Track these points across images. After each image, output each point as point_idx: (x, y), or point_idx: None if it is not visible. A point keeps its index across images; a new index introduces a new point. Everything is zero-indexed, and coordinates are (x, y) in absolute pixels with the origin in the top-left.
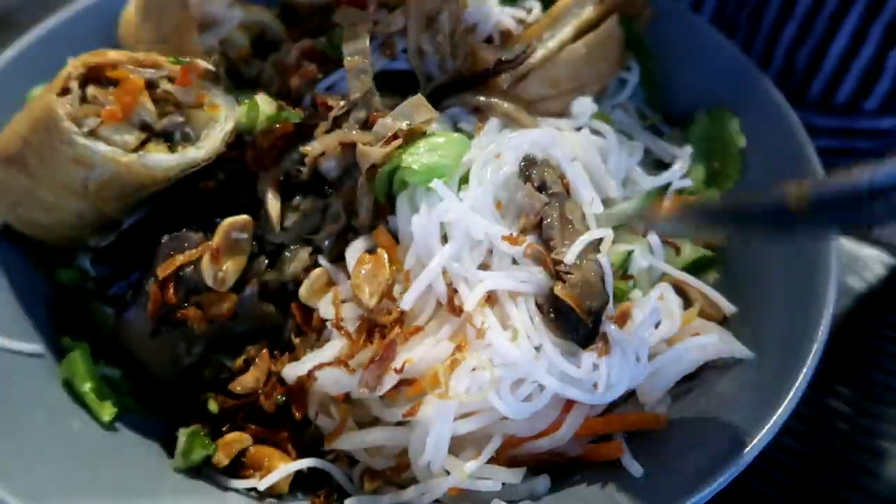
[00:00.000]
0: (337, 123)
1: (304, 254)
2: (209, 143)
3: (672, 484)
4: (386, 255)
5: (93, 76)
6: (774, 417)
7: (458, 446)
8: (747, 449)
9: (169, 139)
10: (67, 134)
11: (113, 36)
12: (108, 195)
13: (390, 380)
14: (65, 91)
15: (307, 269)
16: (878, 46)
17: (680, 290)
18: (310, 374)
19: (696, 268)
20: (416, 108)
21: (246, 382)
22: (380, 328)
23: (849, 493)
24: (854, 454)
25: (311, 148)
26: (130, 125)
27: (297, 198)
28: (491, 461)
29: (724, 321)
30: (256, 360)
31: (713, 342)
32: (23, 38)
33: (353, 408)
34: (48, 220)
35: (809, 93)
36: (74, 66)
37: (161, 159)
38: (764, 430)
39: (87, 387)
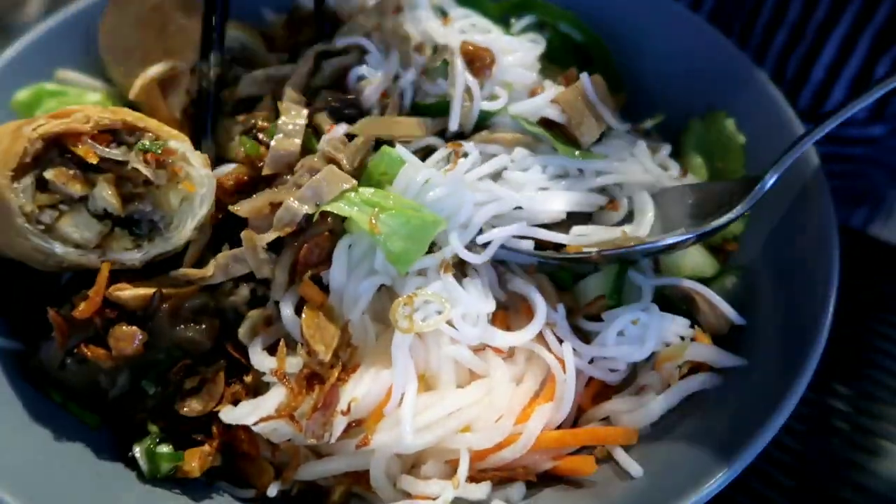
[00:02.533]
0: (270, 182)
1: (244, 290)
2: (178, 237)
3: (671, 484)
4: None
5: (55, 143)
6: (774, 418)
7: (420, 460)
8: (747, 449)
9: (134, 223)
10: (22, 230)
11: None
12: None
13: (340, 424)
14: (22, 169)
15: (249, 305)
16: (866, 56)
17: (689, 298)
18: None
19: (708, 277)
20: (329, 183)
21: (194, 406)
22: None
23: (848, 493)
24: (853, 453)
25: (240, 207)
26: (92, 216)
27: (226, 244)
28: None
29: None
30: (210, 382)
31: (701, 378)
32: (22, 38)
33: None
34: (18, 256)
35: (799, 102)
36: (31, 140)
37: (124, 256)
38: (764, 431)
39: (60, 398)
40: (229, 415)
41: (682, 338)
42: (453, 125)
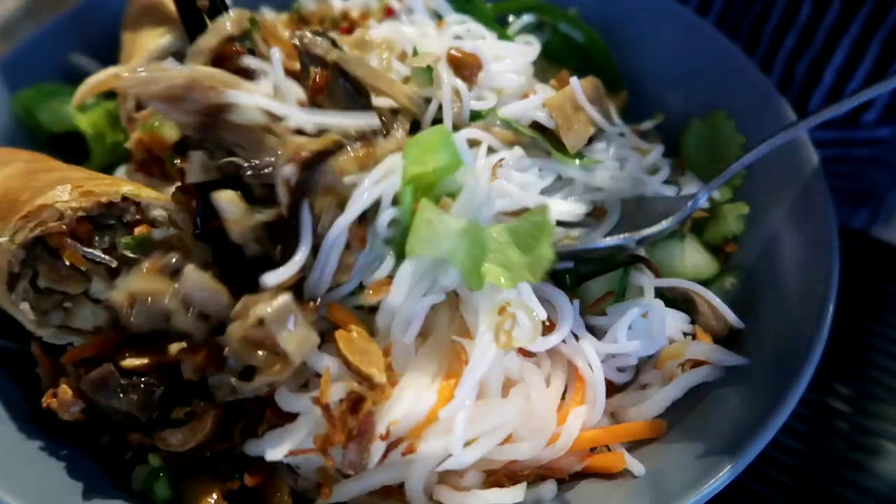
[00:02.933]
0: None
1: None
2: None
3: (673, 483)
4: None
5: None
6: (774, 418)
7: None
8: (747, 449)
9: None
10: (36, 332)
11: (110, 36)
12: None
13: (378, 449)
14: (13, 277)
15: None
16: (876, 61)
17: (688, 300)
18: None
19: (708, 279)
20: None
21: (171, 441)
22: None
23: (848, 493)
24: (853, 453)
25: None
26: (96, 302)
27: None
28: (492, 482)
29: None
30: (197, 419)
31: (704, 371)
32: (23, 38)
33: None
34: None
35: (809, 106)
36: (11, 253)
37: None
38: (764, 431)
39: None
40: (255, 447)
41: (685, 334)
42: (447, 126)
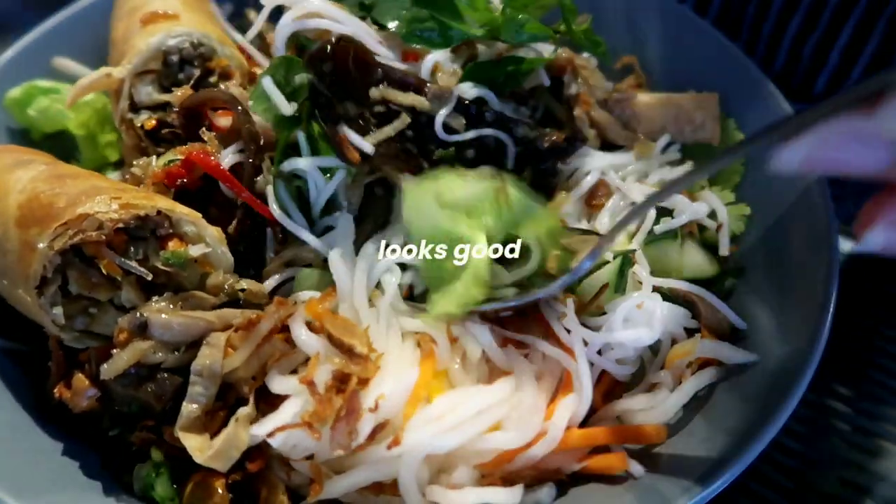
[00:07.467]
0: None
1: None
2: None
3: (672, 485)
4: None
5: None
6: (774, 419)
7: (447, 465)
8: (747, 450)
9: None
10: (59, 335)
11: (100, 36)
12: None
13: (368, 422)
14: (43, 281)
15: None
16: (882, 40)
17: (689, 301)
18: (268, 436)
19: (709, 280)
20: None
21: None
22: (342, 380)
23: (848, 494)
24: (853, 454)
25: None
26: (119, 309)
27: None
28: (487, 484)
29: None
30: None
31: (710, 372)
32: (22, 39)
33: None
34: None
35: (815, 87)
36: (48, 258)
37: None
38: (764, 432)
39: None
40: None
41: (687, 330)
42: None
